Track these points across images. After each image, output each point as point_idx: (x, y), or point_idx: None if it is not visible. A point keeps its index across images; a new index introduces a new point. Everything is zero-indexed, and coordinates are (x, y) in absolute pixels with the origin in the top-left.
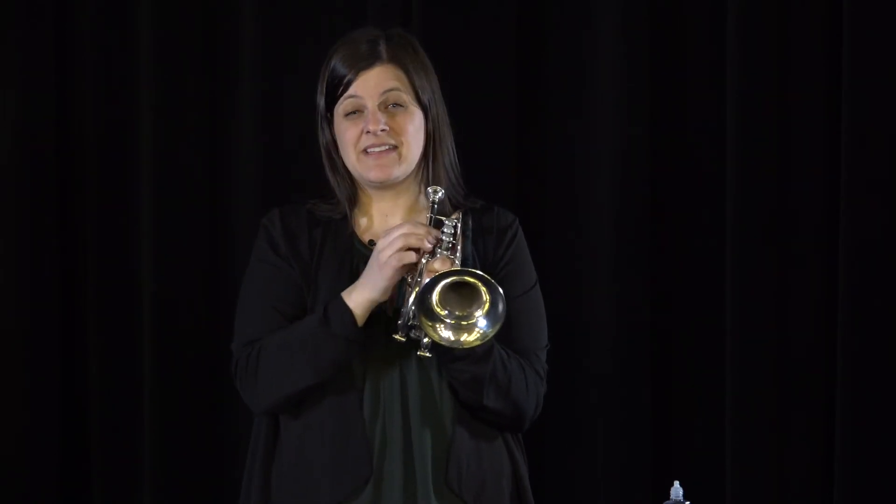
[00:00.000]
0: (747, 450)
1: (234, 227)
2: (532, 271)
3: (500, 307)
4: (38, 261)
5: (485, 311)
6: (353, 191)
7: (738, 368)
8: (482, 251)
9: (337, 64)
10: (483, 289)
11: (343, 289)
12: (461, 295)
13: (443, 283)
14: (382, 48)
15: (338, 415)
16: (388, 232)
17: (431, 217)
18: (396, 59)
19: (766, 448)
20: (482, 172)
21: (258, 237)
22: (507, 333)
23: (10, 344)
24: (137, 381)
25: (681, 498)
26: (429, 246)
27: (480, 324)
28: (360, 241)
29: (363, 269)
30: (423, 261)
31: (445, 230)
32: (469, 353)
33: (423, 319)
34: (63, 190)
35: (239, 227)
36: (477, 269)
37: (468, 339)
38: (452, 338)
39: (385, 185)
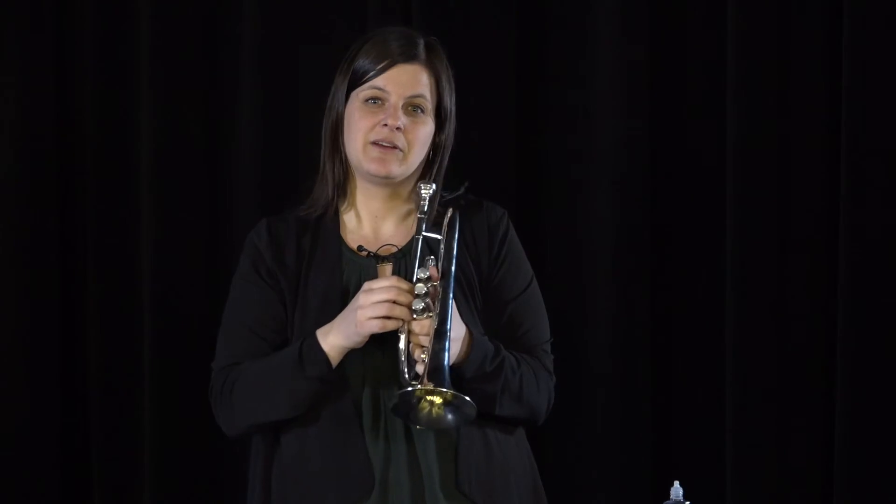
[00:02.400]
0: (747, 450)
1: (234, 228)
2: (527, 266)
3: (469, 413)
4: (38, 261)
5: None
6: (344, 178)
7: (738, 368)
8: (474, 253)
9: (371, 51)
10: (451, 396)
11: (332, 301)
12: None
13: (420, 391)
14: (421, 49)
15: (336, 426)
16: (372, 291)
17: (421, 218)
18: (432, 65)
19: (766, 448)
20: (482, 172)
21: (243, 253)
22: (511, 333)
23: (11, 344)
24: (137, 381)
25: (681, 498)
26: (412, 315)
27: (448, 413)
28: (349, 248)
29: (353, 280)
30: (401, 342)
31: (420, 276)
32: (479, 373)
33: (406, 408)
34: (63, 190)
35: (239, 227)
36: (478, 300)
37: (435, 404)
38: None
39: (380, 182)
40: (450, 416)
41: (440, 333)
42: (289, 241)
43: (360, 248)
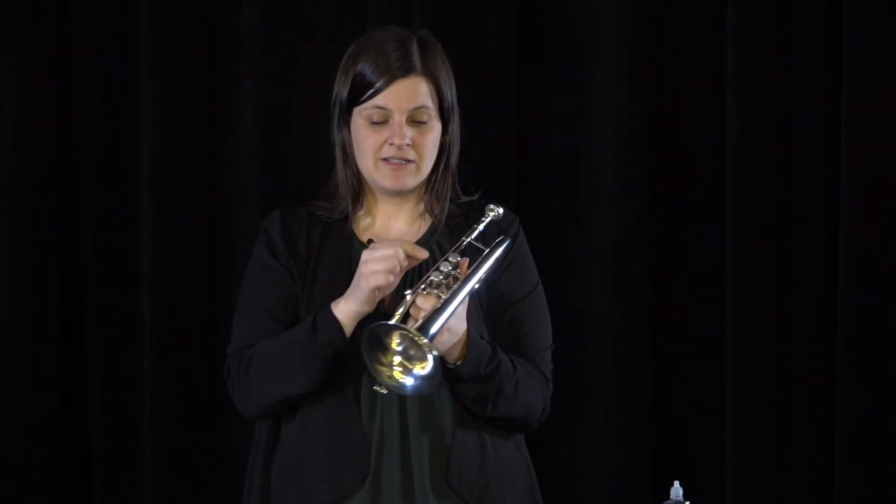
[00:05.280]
0: (747, 450)
1: (234, 227)
2: (534, 272)
3: (433, 385)
4: (38, 261)
5: (421, 372)
6: (358, 186)
7: (738, 368)
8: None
9: (367, 64)
10: (430, 361)
11: (341, 289)
12: (415, 344)
13: (403, 331)
14: (416, 57)
15: (335, 413)
16: (376, 247)
17: (465, 238)
18: (428, 71)
19: (766, 448)
20: (482, 171)
21: (258, 240)
22: (511, 335)
23: (11, 344)
24: (137, 381)
25: (681, 498)
26: (403, 266)
27: (408, 380)
28: (360, 241)
29: None
30: (408, 297)
31: (443, 267)
32: (475, 375)
33: (372, 347)
34: (63, 190)
35: (239, 226)
36: (482, 303)
37: (394, 377)
38: (392, 365)
39: (395, 194)
40: (409, 384)
41: (439, 311)
42: (300, 232)
43: (370, 241)
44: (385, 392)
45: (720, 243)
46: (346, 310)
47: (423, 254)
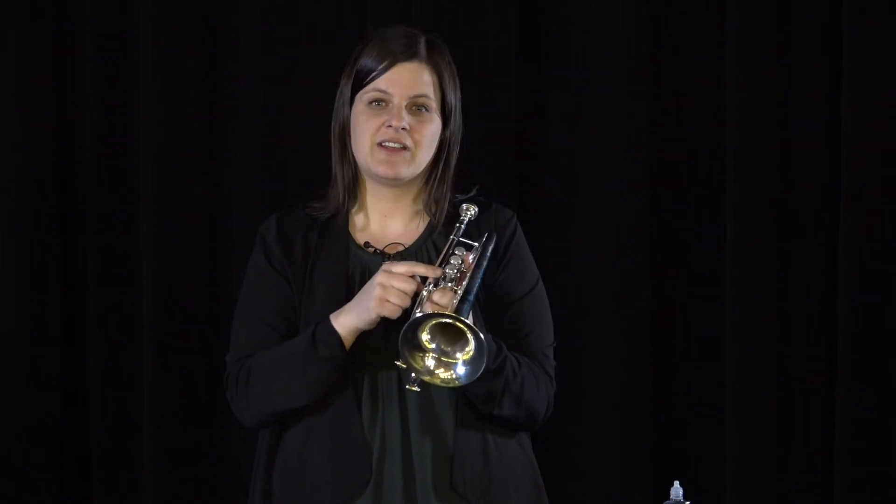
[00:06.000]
0: (747, 450)
1: (234, 227)
2: (534, 268)
3: (482, 362)
4: (38, 261)
5: (466, 357)
6: (354, 181)
7: (737, 368)
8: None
9: (372, 51)
10: (471, 339)
11: (338, 293)
12: (449, 332)
13: (435, 321)
14: (421, 47)
15: (337, 417)
16: (393, 276)
17: (454, 237)
18: (433, 62)
19: (766, 448)
20: (482, 171)
21: (255, 246)
22: (514, 334)
23: (11, 344)
24: (137, 381)
25: (681, 498)
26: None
27: (459, 370)
28: (356, 244)
29: (358, 274)
30: (425, 292)
31: (453, 261)
32: (484, 370)
33: (409, 348)
34: (63, 190)
35: (239, 226)
36: (480, 301)
37: (443, 375)
38: (433, 368)
39: (389, 183)
40: (462, 373)
41: (463, 300)
42: (297, 236)
43: (367, 244)
44: (418, 390)
45: (720, 243)
46: (347, 325)
47: (437, 273)
